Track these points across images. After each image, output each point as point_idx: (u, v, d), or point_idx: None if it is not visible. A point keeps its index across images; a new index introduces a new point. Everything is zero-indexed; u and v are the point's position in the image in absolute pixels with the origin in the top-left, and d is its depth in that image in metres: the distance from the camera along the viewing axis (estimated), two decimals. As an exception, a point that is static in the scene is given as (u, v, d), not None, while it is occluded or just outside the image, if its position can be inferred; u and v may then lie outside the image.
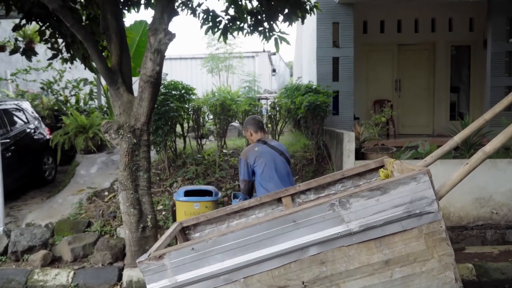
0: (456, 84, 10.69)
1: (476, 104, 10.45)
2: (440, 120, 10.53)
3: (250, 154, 4.19)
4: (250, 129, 4.39)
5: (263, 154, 4.16)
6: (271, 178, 4.08)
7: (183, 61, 17.84)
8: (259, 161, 4.11)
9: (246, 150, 4.31)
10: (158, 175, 7.21)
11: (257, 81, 16.73)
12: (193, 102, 7.57)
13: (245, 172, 4.20)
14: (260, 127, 4.43)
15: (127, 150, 4.57)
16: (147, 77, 4.50)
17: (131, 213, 4.55)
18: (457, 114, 10.78)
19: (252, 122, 4.43)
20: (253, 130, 4.38)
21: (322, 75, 9.04)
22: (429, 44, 10.45)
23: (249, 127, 4.41)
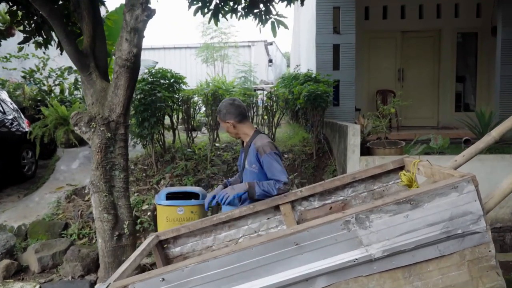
0: (462, 74, 10.00)
1: (483, 94, 9.78)
2: (445, 111, 9.85)
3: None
4: (229, 120, 3.09)
5: None
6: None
7: (177, 50, 17.04)
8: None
9: (268, 141, 3.03)
10: (144, 171, 6.51)
11: (253, 71, 15.97)
12: (183, 92, 6.85)
13: (284, 171, 2.94)
14: (243, 113, 3.16)
15: (99, 146, 3.86)
16: (122, 60, 3.78)
17: (105, 219, 3.85)
18: (463, 105, 10.10)
19: (233, 110, 3.09)
20: (237, 120, 3.09)
21: (322, 63, 8.31)
22: (434, 31, 9.73)
23: (228, 118, 3.09)
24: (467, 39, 9.96)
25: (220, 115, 3.16)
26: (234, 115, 3.08)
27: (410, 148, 5.65)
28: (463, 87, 10.13)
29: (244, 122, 3.15)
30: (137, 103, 6.33)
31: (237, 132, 3.17)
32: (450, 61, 9.77)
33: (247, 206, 2.99)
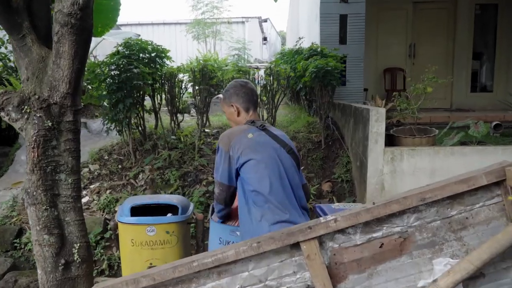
0: (479, 50, 8.77)
1: (502, 73, 8.60)
2: (460, 92, 8.66)
3: (236, 143, 2.25)
4: (236, 103, 2.41)
5: (260, 147, 2.25)
6: (273, 192, 2.19)
7: (166, 26, 15.56)
8: (251, 157, 2.21)
9: (229, 134, 2.33)
10: (120, 162, 5.29)
11: (247, 49, 14.63)
12: (167, 69, 5.59)
13: (224, 171, 2.28)
14: (254, 101, 2.46)
15: (36, 140, 2.64)
16: (64, 16, 2.53)
17: (45, 241, 2.66)
18: (479, 85, 8.92)
19: (241, 92, 2.41)
20: (243, 107, 2.41)
21: (327, 36, 7.07)
22: (450, 3, 8.46)
23: (234, 100, 2.42)
24: (486, 12, 8.68)
25: (225, 94, 2.49)
26: (243, 99, 2.43)
27: (443, 137, 4.49)
28: (480, 65, 8.93)
29: (248, 111, 2.44)
30: (110, 80, 5.08)
31: (238, 120, 2.45)
32: (466, 36, 8.53)
33: (244, 242, 1.81)
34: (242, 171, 2.23)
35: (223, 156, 2.27)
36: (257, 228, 2.14)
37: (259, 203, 2.18)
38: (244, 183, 2.24)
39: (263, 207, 2.17)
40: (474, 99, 8.58)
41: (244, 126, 2.36)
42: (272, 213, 2.16)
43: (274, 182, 2.21)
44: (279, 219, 2.15)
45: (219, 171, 2.31)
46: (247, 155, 2.21)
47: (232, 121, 2.48)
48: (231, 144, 2.25)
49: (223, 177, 2.30)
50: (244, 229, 2.27)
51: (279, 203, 2.18)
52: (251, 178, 2.21)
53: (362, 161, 4.34)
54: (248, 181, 2.21)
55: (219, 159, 2.31)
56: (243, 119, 2.42)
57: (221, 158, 2.29)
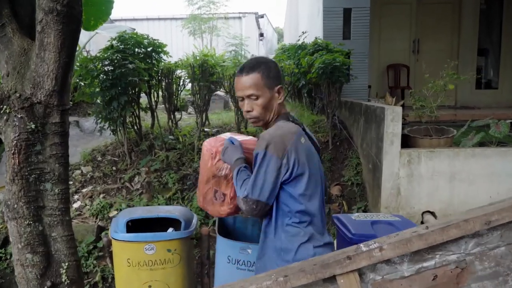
0: (484, 46, 8.46)
1: (507, 70, 8.29)
2: (465, 89, 8.33)
3: (293, 149, 1.76)
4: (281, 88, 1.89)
5: (311, 156, 1.84)
6: (318, 211, 1.83)
7: (162, 22, 15.12)
8: (306, 170, 1.78)
9: (282, 135, 1.77)
10: (114, 164, 4.92)
11: (244, 44, 14.24)
12: (164, 64, 5.21)
13: (268, 185, 1.73)
14: None
15: (17, 144, 2.28)
16: (49, 2, 2.17)
17: (28, 261, 2.30)
18: (484, 82, 8.62)
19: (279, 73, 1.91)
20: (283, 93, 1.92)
21: (330, 31, 6.72)
22: (455, -3, 8.15)
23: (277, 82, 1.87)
24: (491, 7, 8.37)
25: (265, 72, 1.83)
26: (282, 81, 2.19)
27: (461, 137, 4.17)
28: (485, 62, 8.62)
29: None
30: (103, 76, 4.71)
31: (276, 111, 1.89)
32: (471, 31, 8.21)
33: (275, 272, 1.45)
34: (291, 186, 1.75)
35: (273, 165, 1.71)
36: (299, 252, 1.76)
37: (303, 224, 1.78)
38: (288, 200, 1.77)
39: (307, 228, 1.78)
40: (479, 96, 8.28)
41: (291, 126, 1.82)
42: (316, 234, 1.81)
43: (321, 200, 1.87)
44: (322, 241, 1.81)
45: (260, 185, 1.72)
46: (303, 167, 1.75)
47: (269, 110, 1.85)
48: (287, 149, 1.73)
49: (264, 193, 1.72)
50: (269, 252, 1.83)
51: (321, 223, 1.85)
52: (303, 197, 1.77)
53: (375, 163, 4.01)
54: (297, 199, 1.76)
55: (264, 169, 1.72)
56: (281, 108, 1.89)
57: (267, 168, 1.71)
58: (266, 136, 1.77)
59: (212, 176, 2.10)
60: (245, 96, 1.83)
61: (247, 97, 1.82)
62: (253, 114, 1.85)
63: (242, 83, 1.82)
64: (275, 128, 1.83)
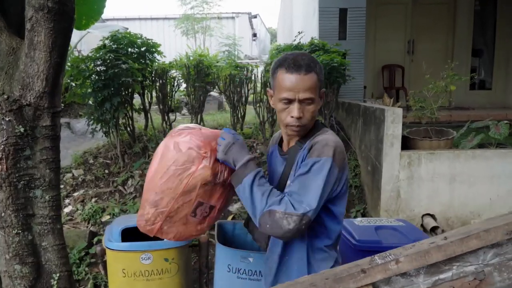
0: (478, 47, 8.45)
1: (501, 71, 8.29)
2: (459, 89, 8.26)
3: (347, 162, 1.62)
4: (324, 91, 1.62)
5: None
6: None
7: (154, 21, 14.98)
8: (348, 184, 1.66)
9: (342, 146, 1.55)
10: (107, 167, 4.80)
11: (237, 45, 14.14)
12: (158, 65, 5.10)
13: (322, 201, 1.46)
14: None
15: (4, 149, 2.16)
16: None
17: (17, 273, 2.18)
18: (478, 83, 8.62)
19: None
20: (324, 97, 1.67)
21: (326, 31, 6.66)
22: (450, -2, 8.13)
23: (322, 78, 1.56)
24: (486, 8, 8.37)
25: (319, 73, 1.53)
26: None
27: (460, 139, 4.11)
28: (479, 62, 8.62)
29: None
30: (95, 77, 4.59)
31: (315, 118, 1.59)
32: (466, 32, 8.21)
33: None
34: (336, 203, 1.57)
35: (333, 177, 1.48)
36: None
37: (332, 247, 1.62)
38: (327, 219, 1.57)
39: (332, 252, 1.63)
40: (473, 97, 8.26)
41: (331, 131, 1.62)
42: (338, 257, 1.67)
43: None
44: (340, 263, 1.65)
45: (318, 198, 1.43)
46: (347, 181, 1.61)
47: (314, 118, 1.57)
48: (345, 162, 1.55)
49: (317, 208, 1.45)
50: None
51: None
52: (342, 216, 1.62)
53: (374, 165, 3.93)
54: (338, 218, 1.60)
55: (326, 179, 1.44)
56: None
57: (329, 179, 1.45)
58: (331, 142, 1.49)
59: (202, 185, 1.60)
60: (299, 99, 1.49)
61: (301, 101, 1.49)
62: (303, 122, 1.52)
63: (299, 84, 1.47)
64: (331, 135, 1.56)
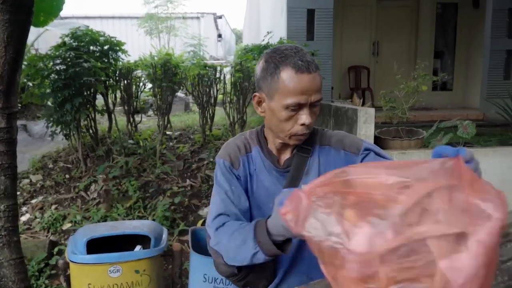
0: (440, 49, 8.71)
1: (461, 72, 8.57)
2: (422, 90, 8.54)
3: None
4: None
5: None
6: None
7: (116, 20, 14.53)
8: None
9: None
10: (67, 172, 4.54)
11: (203, 45, 13.94)
12: (123, 64, 4.89)
13: None
14: None
15: (-48, 154, 1.94)
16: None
17: (-32, 292, 1.98)
18: (440, 84, 8.86)
19: None
20: None
21: (294, 31, 6.63)
22: (413, 0, 8.32)
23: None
24: (447, 11, 8.64)
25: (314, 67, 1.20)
26: None
27: (430, 138, 4.16)
28: (441, 64, 8.88)
29: None
30: (55, 76, 4.34)
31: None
32: (428, 34, 8.43)
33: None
34: None
35: None
36: None
37: None
38: None
39: None
40: (435, 98, 8.48)
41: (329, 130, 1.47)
42: None
43: None
44: None
45: None
46: None
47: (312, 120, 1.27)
48: None
49: None
50: None
51: None
52: None
53: (347, 166, 3.90)
54: None
55: None
56: None
57: None
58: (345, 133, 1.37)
59: None
60: (310, 102, 1.21)
61: (311, 104, 1.22)
62: (310, 128, 1.27)
63: (312, 85, 1.20)
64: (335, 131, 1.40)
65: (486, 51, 7.28)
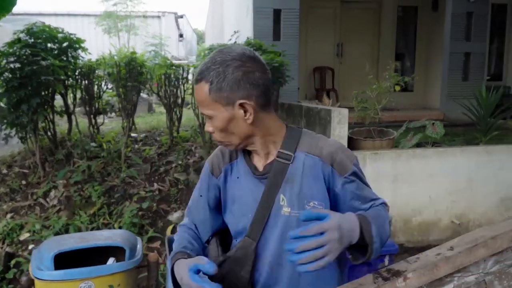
0: (401, 51, 8.92)
1: (421, 74, 8.80)
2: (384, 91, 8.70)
3: None
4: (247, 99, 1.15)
5: None
6: None
7: (72, 18, 13.91)
8: None
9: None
10: (24, 177, 4.23)
11: (164, 45, 13.64)
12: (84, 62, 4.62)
13: None
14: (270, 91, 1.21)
15: None
16: None
17: None
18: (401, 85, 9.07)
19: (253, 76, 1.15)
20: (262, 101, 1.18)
21: (261, 32, 6.54)
22: (375, 3, 8.47)
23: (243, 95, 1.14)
24: (407, 14, 8.86)
25: (214, 81, 1.14)
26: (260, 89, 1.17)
27: (400, 138, 4.20)
28: (402, 65, 9.10)
29: (270, 108, 1.23)
30: (9, 75, 4.02)
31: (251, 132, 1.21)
32: (390, 37, 8.62)
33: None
34: None
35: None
36: None
37: None
38: None
39: None
40: (397, 98, 8.64)
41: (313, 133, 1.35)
42: None
43: None
44: None
45: None
46: None
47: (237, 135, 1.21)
48: None
49: None
50: None
51: None
52: None
53: (320, 167, 3.86)
54: None
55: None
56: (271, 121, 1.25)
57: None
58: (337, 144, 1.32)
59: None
60: (201, 113, 1.31)
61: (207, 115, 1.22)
62: (215, 137, 1.25)
63: (196, 95, 1.25)
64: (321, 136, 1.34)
65: (446, 53, 7.50)
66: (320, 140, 1.28)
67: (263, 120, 1.21)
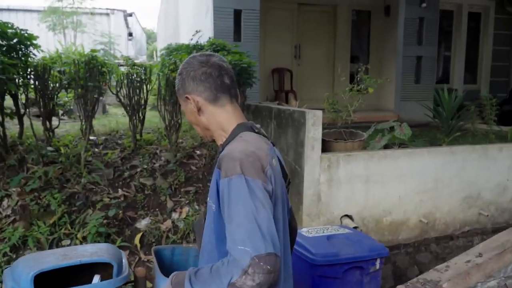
0: (356, 54, 9.15)
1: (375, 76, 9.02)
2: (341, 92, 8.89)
3: (271, 170, 1.28)
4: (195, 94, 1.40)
5: (280, 182, 1.37)
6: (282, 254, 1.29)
7: (12, 13, 12.95)
8: (276, 200, 1.30)
9: (255, 152, 1.27)
10: (-29, 186, 3.83)
11: (114, 43, 13.10)
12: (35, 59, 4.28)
13: (270, 226, 1.15)
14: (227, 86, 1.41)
15: None
16: None
17: None
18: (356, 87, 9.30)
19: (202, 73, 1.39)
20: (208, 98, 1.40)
21: (221, 32, 6.44)
22: (331, 6, 8.63)
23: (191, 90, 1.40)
24: (361, 17, 9.11)
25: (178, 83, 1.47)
26: (204, 85, 1.39)
27: (369, 140, 4.26)
28: (356, 68, 9.32)
29: (222, 104, 1.41)
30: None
31: (206, 124, 1.44)
32: (345, 39, 8.82)
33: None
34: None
35: (261, 192, 1.19)
36: None
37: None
38: None
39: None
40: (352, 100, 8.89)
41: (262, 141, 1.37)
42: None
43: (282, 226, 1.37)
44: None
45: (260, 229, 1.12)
46: (277, 197, 1.32)
47: (193, 122, 1.45)
48: (266, 170, 1.26)
49: (273, 238, 1.14)
50: None
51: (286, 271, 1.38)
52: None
53: (293, 169, 3.82)
54: None
55: (255, 200, 1.16)
56: (221, 116, 1.40)
57: (258, 197, 1.17)
58: (235, 153, 1.24)
59: None
60: None
61: None
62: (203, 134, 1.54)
63: None
64: (242, 142, 1.31)
65: (399, 57, 7.79)
66: (237, 143, 1.32)
67: (213, 114, 1.41)
